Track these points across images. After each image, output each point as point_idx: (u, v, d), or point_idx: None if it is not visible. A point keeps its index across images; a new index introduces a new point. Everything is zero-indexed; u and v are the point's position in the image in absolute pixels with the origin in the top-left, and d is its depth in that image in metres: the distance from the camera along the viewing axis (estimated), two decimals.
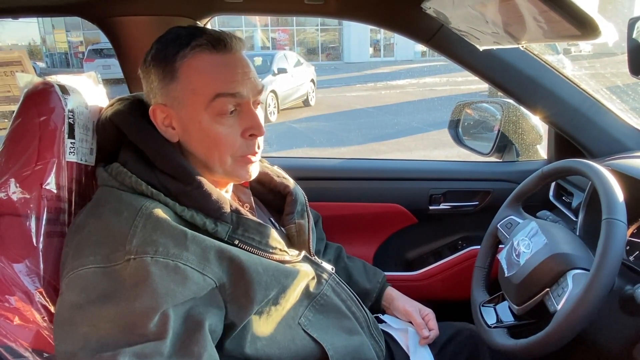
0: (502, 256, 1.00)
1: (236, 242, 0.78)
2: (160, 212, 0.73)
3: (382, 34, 22.74)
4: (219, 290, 0.75)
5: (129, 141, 0.82)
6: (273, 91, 8.81)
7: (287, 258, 0.86)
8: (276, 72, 9.16)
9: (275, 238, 0.85)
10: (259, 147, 0.84)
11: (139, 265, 0.68)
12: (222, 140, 0.79)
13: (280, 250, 0.85)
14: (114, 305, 0.67)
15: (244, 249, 0.79)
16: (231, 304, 0.76)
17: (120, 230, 0.71)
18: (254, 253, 0.80)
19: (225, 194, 0.84)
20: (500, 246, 1.10)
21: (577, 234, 1.06)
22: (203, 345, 0.70)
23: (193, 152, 0.82)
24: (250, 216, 0.82)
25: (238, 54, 0.80)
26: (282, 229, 0.98)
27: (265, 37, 23.44)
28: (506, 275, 0.95)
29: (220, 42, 0.78)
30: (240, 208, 0.82)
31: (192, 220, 0.76)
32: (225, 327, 0.77)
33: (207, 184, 0.79)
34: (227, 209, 0.79)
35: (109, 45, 1.31)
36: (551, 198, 1.36)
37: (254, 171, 0.86)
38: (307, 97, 10.31)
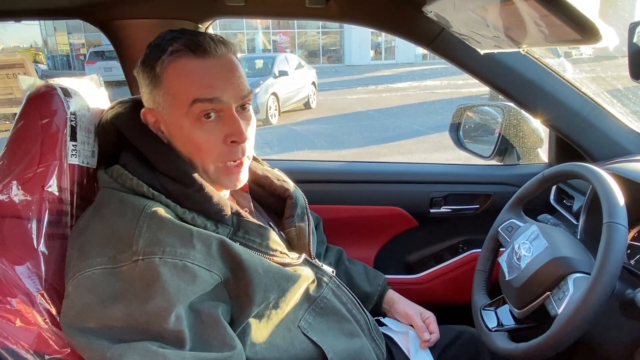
0: (503, 260, 1.00)
1: (237, 244, 0.79)
2: (162, 211, 0.74)
3: (383, 36, 22.77)
4: (224, 284, 0.76)
5: (130, 143, 0.82)
6: (274, 94, 8.83)
7: (287, 261, 0.86)
8: (277, 74, 9.17)
9: (276, 240, 0.85)
10: (243, 154, 0.82)
11: (148, 266, 0.69)
12: (203, 146, 0.79)
13: (281, 252, 0.85)
14: (125, 306, 0.68)
15: (245, 249, 0.79)
16: (234, 299, 0.77)
17: (125, 231, 0.72)
18: (255, 254, 0.80)
19: (224, 196, 0.84)
20: (501, 249, 1.10)
21: (578, 237, 1.06)
22: (222, 336, 0.71)
23: (182, 155, 0.82)
24: (250, 218, 0.83)
25: (222, 59, 0.79)
26: (282, 233, 0.98)
27: (267, 39, 23.48)
28: (507, 278, 0.95)
29: (199, 47, 0.77)
30: (241, 210, 0.83)
31: (193, 222, 0.77)
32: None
33: (208, 187, 0.79)
34: (228, 212, 0.79)
35: (111, 48, 1.32)
36: (552, 201, 1.36)
37: (241, 180, 0.84)
38: (308, 100, 10.32)
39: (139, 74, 0.81)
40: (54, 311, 0.75)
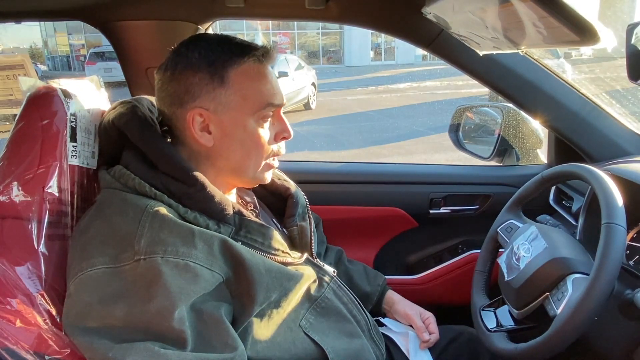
0: (502, 260, 1.00)
1: (239, 243, 0.79)
2: (164, 210, 0.74)
3: (383, 37, 22.77)
4: (226, 284, 0.76)
5: (132, 144, 0.82)
6: None
7: (289, 260, 0.86)
8: (277, 75, 9.11)
9: (278, 240, 0.85)
10: (284, 150, 0.91)
11: (150, 265, 0.69)
12: (262, 143, 0.84)
13: (283, 252, 0.86)
14: (127, 305, 0.68)
15: (247, 248, 0.79)
16: (235, 299, 0.78)
17: (128, 230, 0.72)
18: (257, 253, 0.80)
19: (228, 197, 0.84)
20: (500, 250, 1.10)
21: (577, 238, 1.06)
22: (224, 336, 0.72)
23: (228, 156, 0.84)
24: (252, 218, 0.83)
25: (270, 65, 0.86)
26: (284, 230, 0.98)
27: (267, 40, 23.43)
28: (506, 279, 0.95)
29: (266, 54, 0.83)
30: (243, 210, 0.83)
31: (195, 221, 0.77)
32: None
33: (210, 186, 0.80)
34: (230, 211, 0.80)
35: (111, 49, 1.32)
36: (551, 202, 1.37)
37: (271, 174, 0.92)
38: (308, 101, 10.31)
39: (187, 72, 0.79)
40: (54, 312, 0.75)
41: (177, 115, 0.82)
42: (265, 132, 0.84)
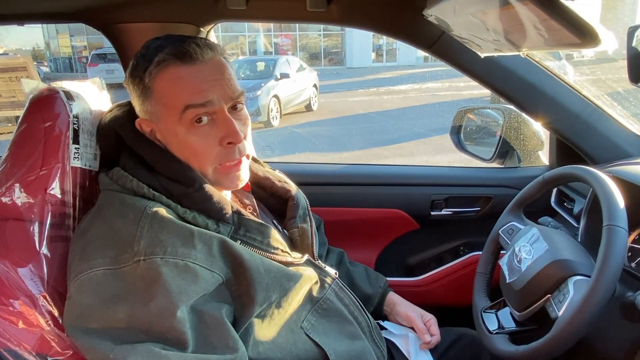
0: (503, 262, 1.00)
1: (238, 242, 0.79)
2: (163, 211, 0.75)
3: (385, 39, 22.76)
4: (226, 285, 0.77)
5: (129, 146, 0.83)
6: (275, 96, 8.84)
7: (289, 259, 0.86)
8: (279, 77, 9.19)
9: (277, 238, 0.85)
10: (240, 154, 0.82)
11: (150, 266, 0.70)
12: (199, 150, 0.80)
13: (282, 251, 0.86)
14: (127, 306, 0.69)
15: (246, 248, 0.80)
16: (236, 299, 0.78)
17: (127, 232, 0.72)
18: (256, 253, 0.80)
19: (225, 196, 0.84)
20: (501, 252, 1.10)
21: (579, 240, 1.06)
22: (225, 338, 0.72)
23: (180, 160, 0.82)
24: (251, 217, 0.83)
25: (210, 62, 0.79)
26: (285, 231, 0.98)
27: (268, 42, 23.52)
28: (507, 281, 0.95)
29: (185, 54, 0.77)
30: (242, 209, 0.83)
31: (194, 221, 0.77)
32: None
33: (208, 186, 0.80)
34: (229, 210, 0.80)
35: (113, 50, 1.32)
36: (553, 204, 1.36)
37: (242, 178, 0.85)
38: (310, 102, 10.33)
39: (128, 85, 0.82)
40: (56, 313, 0.75)
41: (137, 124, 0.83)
42: (200, 138, 0.79)
